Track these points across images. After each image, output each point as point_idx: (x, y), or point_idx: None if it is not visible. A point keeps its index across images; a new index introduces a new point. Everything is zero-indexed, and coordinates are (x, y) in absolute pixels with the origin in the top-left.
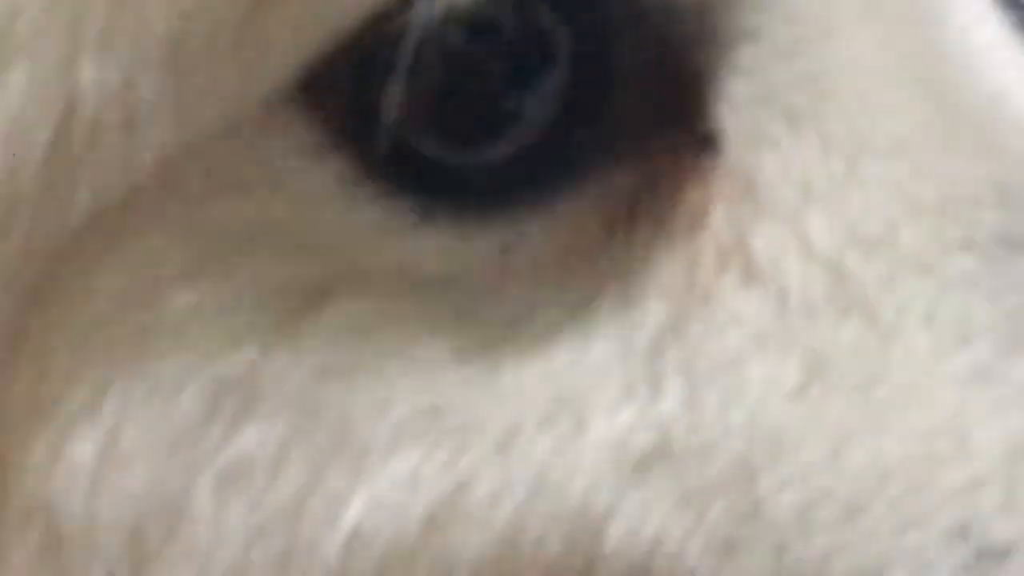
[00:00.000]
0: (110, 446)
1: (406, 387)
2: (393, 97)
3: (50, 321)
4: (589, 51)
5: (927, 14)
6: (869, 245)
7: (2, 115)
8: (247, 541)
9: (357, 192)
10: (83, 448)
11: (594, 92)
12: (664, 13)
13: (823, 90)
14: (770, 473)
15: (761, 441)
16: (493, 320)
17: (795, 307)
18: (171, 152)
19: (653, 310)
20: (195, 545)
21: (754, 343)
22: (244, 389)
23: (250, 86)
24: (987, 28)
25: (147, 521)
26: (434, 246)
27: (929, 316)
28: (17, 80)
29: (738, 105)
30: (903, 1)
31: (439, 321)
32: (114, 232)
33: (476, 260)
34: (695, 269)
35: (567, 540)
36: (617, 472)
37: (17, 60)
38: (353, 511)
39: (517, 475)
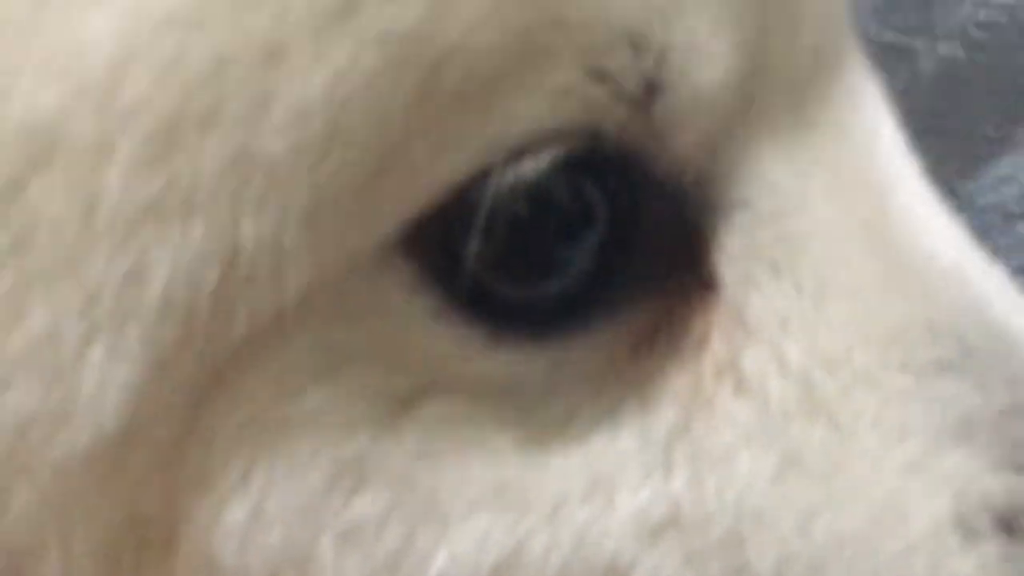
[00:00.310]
0: (257, 512)
1: (480, 469)
2: (472, 248)
3: (214, 413)
4: (621, 215)
5: (879, 190)
6: (831, 365)
7: (186, 257)
8: None
9: (444, 319)
10: (236, 514)
11: (624, 246)
12: (677, 188)
13: (797, 247)
14: (754, 540)
15: (748, 515)
16: (545, 419)
17: (774, 412)
18: (307, 287)
19: (666, 413)
20: None
21: (743, 440)
22: (357, 468)
23: (365, 238)
24: (924, 204)
25: (284, 570)
26: (502, 362)
27: (876, 421)
28: (196, 231)
29: (733, 257)
30: (860, 179)
31: (505, 419)
32: (264, 346)
33: (533, 373)
34: (699, 382)
35: None
36: (638, 536)
37: (196, 217)
38: (438, 564)
39: (563, 537)
